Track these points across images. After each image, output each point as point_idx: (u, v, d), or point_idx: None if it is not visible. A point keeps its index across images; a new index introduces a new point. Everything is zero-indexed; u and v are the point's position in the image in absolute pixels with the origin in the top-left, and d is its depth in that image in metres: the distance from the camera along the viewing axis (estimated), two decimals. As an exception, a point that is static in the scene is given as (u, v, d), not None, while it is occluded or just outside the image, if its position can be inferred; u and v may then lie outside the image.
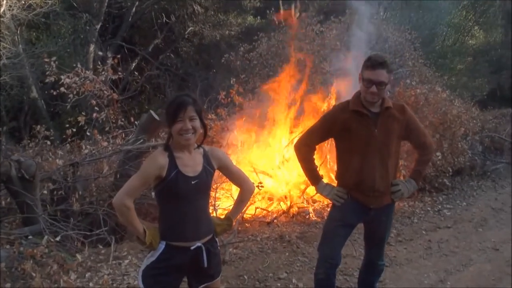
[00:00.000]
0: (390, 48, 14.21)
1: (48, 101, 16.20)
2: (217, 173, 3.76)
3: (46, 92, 15.70)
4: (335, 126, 4.47)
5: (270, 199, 9.50)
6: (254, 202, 9.06)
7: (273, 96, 10.71)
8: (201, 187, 3.49)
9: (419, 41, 16.24)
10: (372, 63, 4.22)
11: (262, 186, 8.52)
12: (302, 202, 9.28)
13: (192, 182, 3.42)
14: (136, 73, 18.35)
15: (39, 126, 10.16)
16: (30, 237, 6.69)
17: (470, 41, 24.94)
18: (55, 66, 10.28)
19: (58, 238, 6.64)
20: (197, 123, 3.41)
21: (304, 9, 15.57)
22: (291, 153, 9.44)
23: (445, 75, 18.94)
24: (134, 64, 19.45)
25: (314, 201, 9.47)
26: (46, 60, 10.61)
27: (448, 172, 11.32)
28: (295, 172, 9.68)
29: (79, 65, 10.42)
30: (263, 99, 11.23)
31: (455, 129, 11.36)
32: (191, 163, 3.48)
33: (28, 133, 15.32)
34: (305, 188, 9.31)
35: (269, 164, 10.08)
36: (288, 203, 9.16)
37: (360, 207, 4.54)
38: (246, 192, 3.87)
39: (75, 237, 7.06)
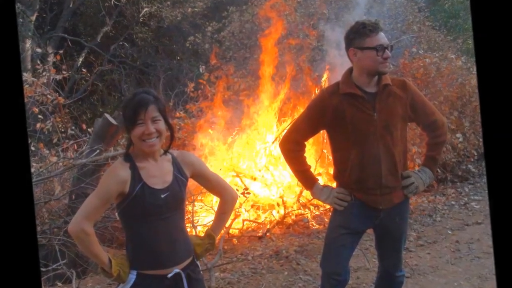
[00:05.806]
0: (390, 12, 14.17)
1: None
2: (193, 182, 3.78)
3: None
4: (325, 114, 4.40)
5: (260, 208, 9.43)
6: (240, 214, 9.00)
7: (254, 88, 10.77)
8: (173, 201, 3.46)
9: (424, -1, 16.31)
10: (373, 28, 4.24)
11: (248, 193, 8.51)
12: (299, 209, 9.26)
13: (162, 196, 3.39)
14: (84, 70, 18.10)
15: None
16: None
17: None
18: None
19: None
20: (162, 124, 3.38)
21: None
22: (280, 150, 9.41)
23: (458, 38, 19.00)
24: (81, 59, 19.31)
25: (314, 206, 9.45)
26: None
27: (472, 156, 11.34)
28: (287, 172, 9.61)
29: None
30: (238, 90, 11.30)
31: (476, 103, 11.31)
32: (158, 173, 3.45)
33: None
34: (301, 191, 9.25)
35: (255, 165, 10.05)
36: (282, 210, 9.12)
37: (367, 210, 4.46)
38: (228, 202, 3.83)
39: (27, 275, 7.02)
